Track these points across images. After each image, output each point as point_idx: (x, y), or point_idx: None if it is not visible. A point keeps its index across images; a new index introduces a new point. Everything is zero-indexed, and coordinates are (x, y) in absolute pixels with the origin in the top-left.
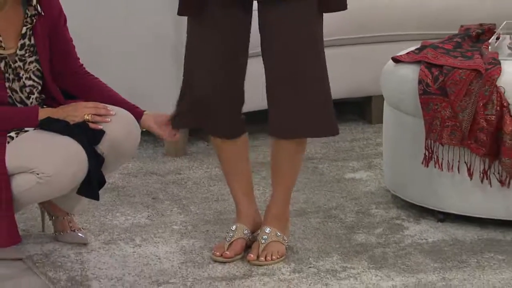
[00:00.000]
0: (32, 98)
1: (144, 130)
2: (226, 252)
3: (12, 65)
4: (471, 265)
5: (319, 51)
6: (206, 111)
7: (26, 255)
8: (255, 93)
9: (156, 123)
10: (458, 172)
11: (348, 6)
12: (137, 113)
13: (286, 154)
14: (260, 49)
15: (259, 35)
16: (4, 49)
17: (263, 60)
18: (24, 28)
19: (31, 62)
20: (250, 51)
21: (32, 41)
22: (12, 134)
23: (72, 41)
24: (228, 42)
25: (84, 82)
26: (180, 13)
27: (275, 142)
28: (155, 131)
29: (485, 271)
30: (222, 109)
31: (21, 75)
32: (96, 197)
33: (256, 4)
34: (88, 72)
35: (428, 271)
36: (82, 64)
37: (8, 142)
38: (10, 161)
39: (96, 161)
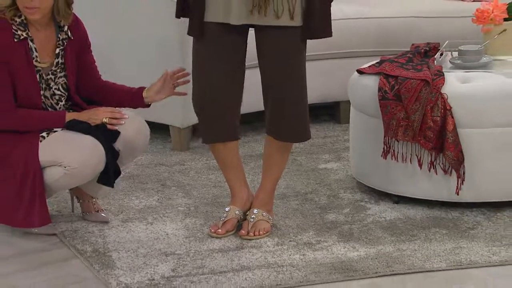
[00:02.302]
0: (60, 105)
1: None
2: (219, 230)
3: (45, 77)
4: (421, 238)
5: (302, 75)
6: (213, 122)
7: (59, 231)
8: (246, 98)
9: (159, 90)
10: (410, 163)
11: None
12: (141, 90)
13: (276, 150)
14: (249, 64)
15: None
16: (39, 63)
17: (260, 74)
18: (57, 49)
19: (60, 77)
20: None
21: (63, 60)
22: (44, 134)
23: (95, 62)
24: (228, 60)
25: (102, 91)
26: (188, 33)
27: (269, 139)
28: (164, 95)
29: (431, 243)
30: (226, 116)
31: (51, 85)
32: (111, 185)
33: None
34: (104, 81)
35: (386, 243)
36: (101, 78)
37: (41, 141)
38: (43, 157)
39: (112, 156)
